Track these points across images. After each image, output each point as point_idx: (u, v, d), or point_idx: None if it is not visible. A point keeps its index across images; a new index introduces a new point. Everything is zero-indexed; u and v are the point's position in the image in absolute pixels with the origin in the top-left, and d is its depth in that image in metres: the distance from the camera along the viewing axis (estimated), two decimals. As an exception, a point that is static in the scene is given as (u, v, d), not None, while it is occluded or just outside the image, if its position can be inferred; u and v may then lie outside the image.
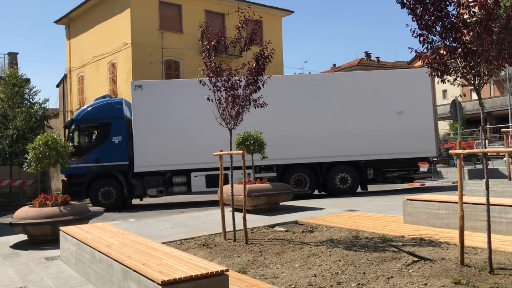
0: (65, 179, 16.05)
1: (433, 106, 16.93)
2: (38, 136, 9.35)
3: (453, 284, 5.18)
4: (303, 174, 16.55)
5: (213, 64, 8.31)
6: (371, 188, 18.43)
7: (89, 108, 16.94)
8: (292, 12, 34.15)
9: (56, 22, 33.79)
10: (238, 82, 8.37)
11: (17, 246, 8.90)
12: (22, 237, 9.35)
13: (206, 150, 15.37)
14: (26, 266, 7.21)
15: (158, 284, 4.15)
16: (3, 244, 9.11)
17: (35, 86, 31.68)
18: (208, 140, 15.54)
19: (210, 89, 8.43)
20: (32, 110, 21.05)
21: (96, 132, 16.83)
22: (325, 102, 16.58)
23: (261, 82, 8.45)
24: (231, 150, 8.77)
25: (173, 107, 16.16)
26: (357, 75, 20.57)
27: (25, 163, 9.43)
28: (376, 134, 16.33)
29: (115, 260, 5.17)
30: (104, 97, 17.94)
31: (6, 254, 8.18)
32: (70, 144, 10.01)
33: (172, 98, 16.21)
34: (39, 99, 22.55)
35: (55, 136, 9.43)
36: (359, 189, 17.05)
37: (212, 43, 8.33)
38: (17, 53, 27.74)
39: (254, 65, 8.31)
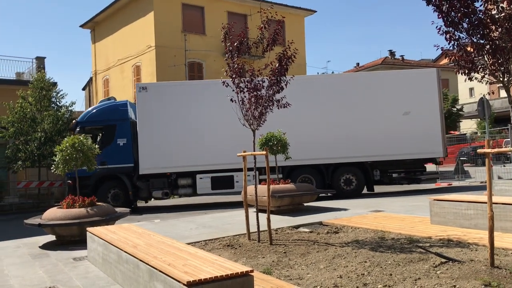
0: (70, 181, 15.74)
1: (440, 106, 16.76)
2: (65, 139, 9.52)
3: (483, 286, 5.06)
4: (309, 175, 16.39)
5: (236, 65, 8.32)
6: (395, 188, 18.19)
7: (94, 110, 16.87)
8: (315, 11, 34.00)
9: (82, 26, 34.42)
10: (261, 82, 8.36)
11: (46, 246, 9.08)
12: (51, 237, 9.54)
13: (211, 152, 15.90)
14: (55, 266, 7.34)
15: (184, 284, 4.17)
16: (33, 245, 9.31)
17: (61, 90, 32.11)
18: (214, 141, 15.90)
19: (233, 90, 8.44)
20: (59, 113, 21.45)
21: (101, 134, 16.77)
22: (332, 103, 16.46)
23: (284, 82, 8.42)
24: (254, 150, 8.75)
25: (178, 109, 16.13)
26: (363, 75, 20.15)
27: (53, 165, 9.61)
28: (382, 135, 16.24)
29: (141, 260, 5.22)
30: (109, 99, 17.90)
31: (35, 254, 8.36)
32: (97, 146, 10.07)
33: (177, 100, 16.19)
34: (66, 102, 22.96)
35: (81, 138, 9.58)
36: (365, 190, 16.89)
37: (235, 44, 8.34)
38: (45, 58, 28.34)
39: (277, 65, 8.29)
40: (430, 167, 18.75)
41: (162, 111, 16.05)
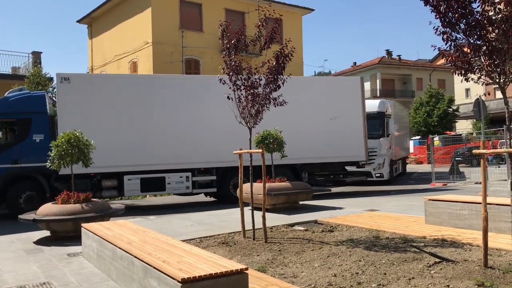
0: None
1: (363, 113, 17.17)
2: (61, 134, 9.48)
3: (476, 286, 5.09)
4: (243, 177, 15.50)
5: (233, 62, 8.31)
6: (391, 188, 18.24)
7: (5, 102, 14.52)
8: (313, 10, 34.02)
9: (79, 21, 34.30)
10: (258, 80, 8.36)
11: (41, 242, 9.05)
12: (45, 233, 9.51)
13: (140, 151, 14.64)
14: (49, 261, 7.33)
15: (178, 281, 4.18)
16: (27, 240, 9.28)
17: (58, 85, 32.14)
18: (143, 140, 14.73)
19: (230, 87, 8.44)
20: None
21: (13, 128, 14.61)
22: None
23: (281, 80, 8.42)
24: (250, 148, 8.76)
25: (104, 104, 14.60)
26: (294, 79, 19.47)
27: (48, 161, 9.58)
28: (311, 139, 16.16)
29: (135, 257, 5.21)
30: (20, 89, 15.69)
31: (30, 250, 8.33)
32: (93, 142, 9.98)
33: (103, 93, 14.66)
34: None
35: (77, 133, 9.55)
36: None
37: (232, 42, 8.33)
38: (41, 52, 28.14)
39: (274, 63, 8.29)
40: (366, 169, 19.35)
41: (86, 105, 14.38)
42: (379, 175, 20.47)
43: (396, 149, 23.29)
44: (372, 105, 21.44)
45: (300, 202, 12.82)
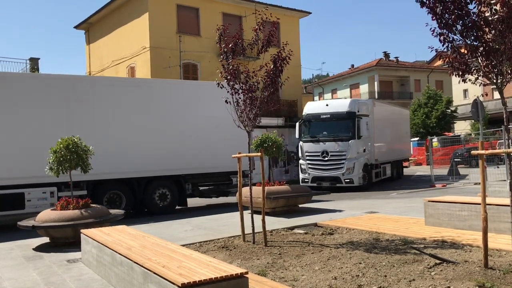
0: None
1: None
2: (59, 140, 9.47)
3: (477, 287, 5.08)
4: (118, 191, 13.89)
5: (230, 66, 8.32)
6: (390, 190, 18.23)
7: None
8: (310, 13, 34.04)
9: (76, 27, 34.29)
10: (256, 84, 8.37)
11: (40, 248, 9.03)
12: (45, 239, 9.48)
13: None
14: (49, 268, 7.30)
15: (178, 286, 4.16)
16: (27, 247, 9.25)
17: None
18: None
19: (228, 91, 8.44)
20: None
21: None
22: (142, 111, 14.40)
23: (279, 84, 8.44)
24: (249, 152, 8.76)
25: None
26: (175, 83, 17.56)
27: (47, 167, 9.55)
28: (194, 148, 15.04)
29: (135, 262, 5.20)
30: None
31: (29, 257, 8.30)
32: (91, 147, 9.95)
33: None
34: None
35: (75, 139, 9.54)
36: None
37: (230, 46, 8.34)
38: (39, 59, 28.20)
39: (271, 67, 8.30)
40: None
41: None
42: (348, 180, 19.19)
43: (382, 151, 21.87)
44: (342, 104, 20.21)
45: (300, 205, 12.80)
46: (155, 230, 10.36)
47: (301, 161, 20.68)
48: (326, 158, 19.58)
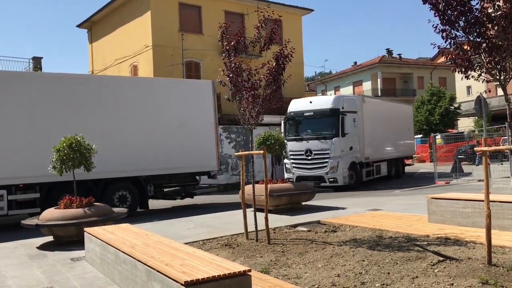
0: None
1: (215, 119, 15.70)
2: (62, 139, 9.49)
3: (480, 284, 5.07)
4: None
5: (233, 64, 8.31)
6: (393, 187, 18.21)
7: None
8: (312, 10, 33.99)
9: (79, 26, 34.36)
10: (258, 82, 8.36)
11: (44, 247, 9.06)
12: (48, 238, 9.51)
13: None
14: (53, 266, 7.33)
15: (181, 284, 4.17)
16: (30, 245, 9.28)
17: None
18: None
19: (230, 89, 8.44)
20: None
21: None
22: (100, 109, 13.69)
23: (281, 81, 8.42)
24: (251, 150, 8.76)
25: None
26: (136, 80, 16.81)
27: (50, 165, 9.58)
28: (156, 148, 14.32)
29: (138, 260, 5.21)
30: None
31: (33, 255, 8.34)
32: (94, 146, 9.96)
33: None
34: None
35: (78, 138, 9.55)
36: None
37: (232, 44, 8.33)
38: (41, 58, 28.30)
39: (274, 64, 8.29)
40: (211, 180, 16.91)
41: None
42: (332, 179, 18.67)
43: (374, 149, 21.10)
44: (325, 101, 19.51)
45: (303, 203, 12.80)
46: (158, 228, 10.38)
47: (285, 160, 20.17)
48: (310, 157, 19.05)
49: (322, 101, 19.80)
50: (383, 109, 23.24)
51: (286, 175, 19.93)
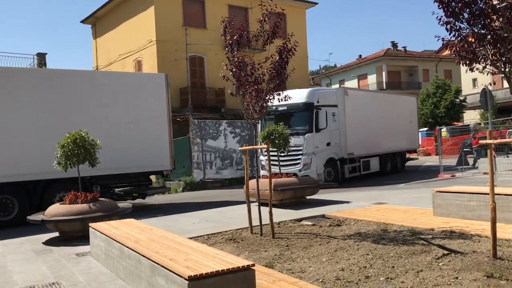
0: None
1: (168, 115, 14.86)
2: (67, 134, 9.52)
3: (485, 277, 5.05)
4: (10, 196, 12.38)
5: (236, 58, 8.28)
6: (397, 180, 18.13)
7: None
8: (316, 3, 33.87)
9: (83, 21, 34.41)
10: (261, 76, 8.33)
11: (49, 242, 9.11)
12: (54, 233, 9.57)
13: None
14: (58, 262, 7.37)
15: (185, 279, 4.18)
16: (36, 241, 9.34)
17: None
18: None
19: (233, 83, 8.43)
20: None
21: None
22: (40, 106, 12.81)
23: (285, 75, 8.39)
24: (255, 144, 8.75)
25: None
26: (79, 74, 15.11)
27: (55, 161, 9.61)
28: (103, 146, 12.56)
29: (143, 255, 5.23)
30: None
31: (39, 250, 8.39)
32: (98, 141, 9.99)
33: None
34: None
35: (83, 134, 9.58)
36: None
37: (235, 38, 8.30)
38: (46, 54, 28.31)
39: (277, 58, 8.25)
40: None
41: None
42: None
43: (360, 143, 19.73)
44: (299, 95, 17.93)
45: (307, 197, 12.79)
46: (163, 223, 10.41)
47: (261, 157, 18.93)
48: (283, 154, 18.39)
49: (296, 96, 17.89)
50: (373, 102, 21.77)
51: (261, 172, 18.50)
